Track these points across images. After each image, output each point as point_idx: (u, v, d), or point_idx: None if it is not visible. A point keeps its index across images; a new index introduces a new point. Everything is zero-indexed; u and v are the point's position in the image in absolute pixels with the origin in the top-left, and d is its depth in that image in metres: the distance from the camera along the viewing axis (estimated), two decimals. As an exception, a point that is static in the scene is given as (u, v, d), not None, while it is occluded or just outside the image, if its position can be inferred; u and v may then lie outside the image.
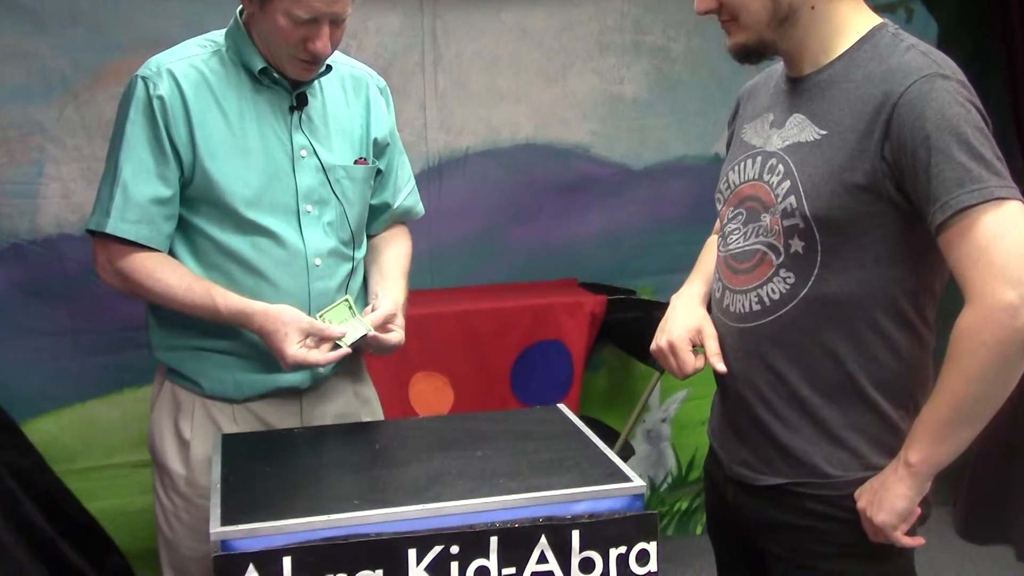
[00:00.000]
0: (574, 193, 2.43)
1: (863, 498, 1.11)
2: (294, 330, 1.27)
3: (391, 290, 1.41)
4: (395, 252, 1.51)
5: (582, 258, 2.47)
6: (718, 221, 1.33)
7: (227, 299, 1.30)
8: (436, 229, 2.35)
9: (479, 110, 2.34)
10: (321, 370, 1.41)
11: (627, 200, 2.46)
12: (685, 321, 1.23)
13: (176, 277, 1.32)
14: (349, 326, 1.32)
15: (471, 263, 2.44)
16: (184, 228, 1.35)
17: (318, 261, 1.38)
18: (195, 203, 1.33)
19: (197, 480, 1.38)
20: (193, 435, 1.39)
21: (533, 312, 2.30)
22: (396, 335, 1.37)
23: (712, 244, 1.39)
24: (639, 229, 2.47)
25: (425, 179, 2.26)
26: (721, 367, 1.20)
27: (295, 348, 1.26)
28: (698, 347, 1.22)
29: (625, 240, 2.51)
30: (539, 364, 2.30)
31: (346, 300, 1.34)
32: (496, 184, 2.38)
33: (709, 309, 1.28)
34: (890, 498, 1.07)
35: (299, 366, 1.28)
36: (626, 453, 2.30)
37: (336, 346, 1.31)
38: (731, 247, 1.23)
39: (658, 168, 2.47)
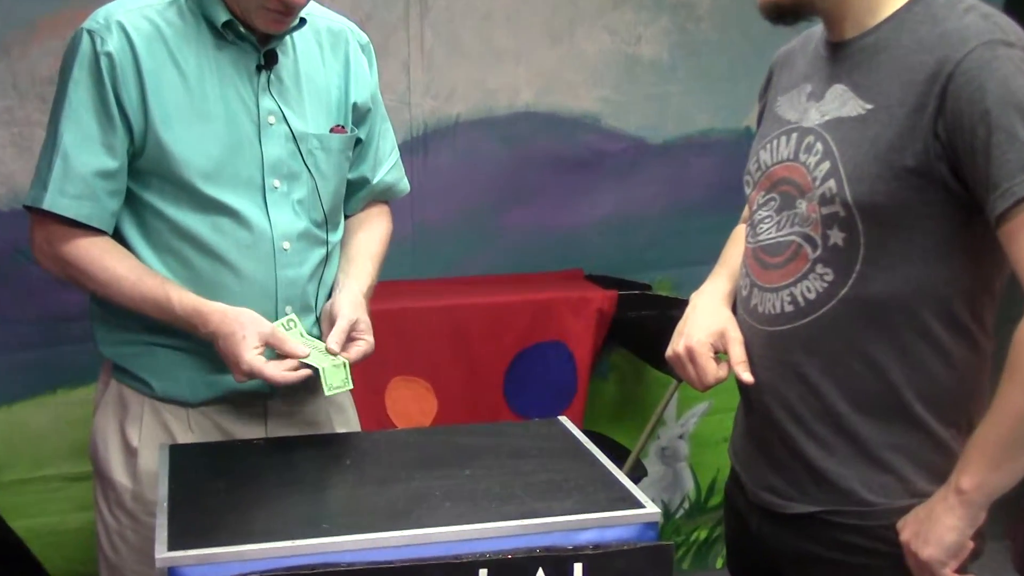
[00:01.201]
0: (581, 170, 2.43)
1: (907, 529, 1.11)
2: (253, 334, 1.28)
3: (351, 286, 1.41)
4: (368, 235, 1.51)
5: (589, 246, 2.47)
6: (747, 207, 1.34)
7: (183, 295, 1.31)
8: (420, 210, 2.35)
9: (472, 72, 2.34)
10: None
11: (643, 179, 2.46)
12: (707, 323, 1.24)
13: (126, 267, 1.32)
14: (315, 353, 1.31)
15: (459, 250, 2.43)
16: (134, 206, 1.35)
17: (286, 245, 1.38)
18: (146, 177, 1.33)
19: (146, 494, 1.38)
20: (142, 443, 1.39)
21: (531, 308, 2.31)
22: (360, 347, 1.36)
23: (740, 234, 1.39)
24: (656, 214, 2.48)
25: (408, 152, 2.26)
26: (747, 377, 1.20)
27: (252, 354, 1.27)
28: (720, 354, 1.23)
29: (640, 226, 2.51)
30: (537, 369, 2.31)
31: (291, 320, 1.33)
32: (490, 158, 2.38)
33: (734, 310, 1.29)
34: (938, 530, 1.07)
35: (252, 376, 1.28)
36: (637, 474, 2.31)
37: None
38: (761, 238, 1.23)
39: (679, 143, 2.47)
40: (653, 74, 2.44)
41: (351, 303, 1.38)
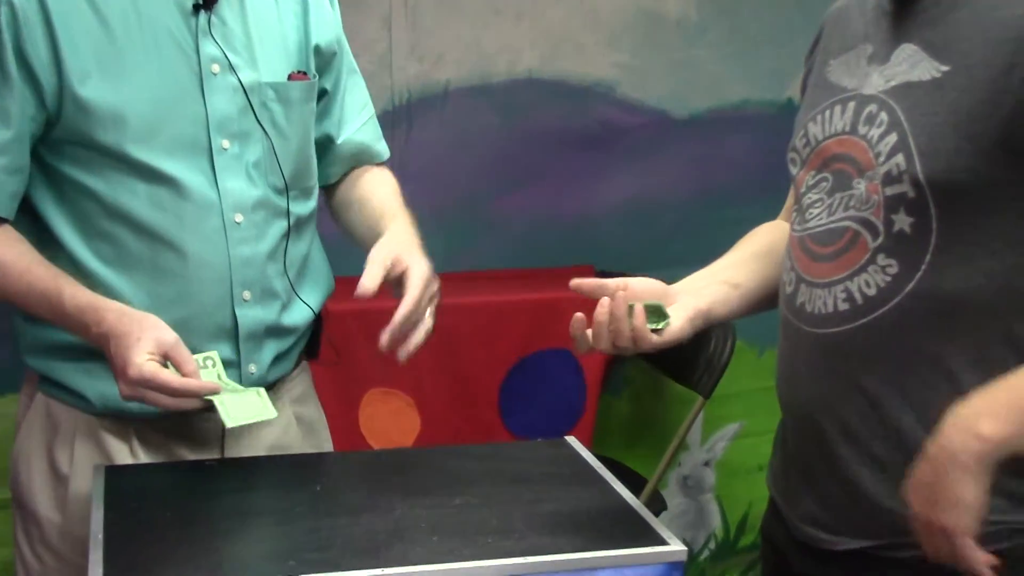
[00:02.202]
0: (592, 149, 2.43)
1: (917, 497, 1.04)
2: (150, 339, 1.25)
3: (407, 245, 1.33)
4: (386, 189, 1.48)
5: (601, 238, 2.47)
6: (789, 196, 1.33)
7: (77, 290, 1.29)
8: (404, 191, 2.32)
9: (464, 29, 2.33)
10: (252, 373, 1.40)
11: (666, 160, 2.46)
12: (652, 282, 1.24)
13: (14, 253, 1.30)
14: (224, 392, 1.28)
15: (447, 241, 2.42)
16: (55, 184, 1.34)
17: (239, 217, 1.37)
18: (67, 147, 1.32)
19: (77, 531, 1.37)
20: (74, 469, 1.38)
21: (532, 310, 2.31)
22: (425, 326, 1.31)
23: (758, 232, 1.39)
24: (681, 200, 2.48)
25: (388, 124, 2.25)
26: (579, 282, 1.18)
27: (144, 357, 1.23)
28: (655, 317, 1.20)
29: (661, 215, 2.51)
30: (538, 382, 2.31)
31: (208, 358, 1.31)
32: (486, 133, 2.38)
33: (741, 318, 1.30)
34: (955, 488, 1.02)
35: (138, 391, 1.24)
36: (655, 507, 2.31)
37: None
38: (810, 224, 1.23)
39: (709, 117, 2.47)
40: (679, 36, 2.44)
41: (422, 273, 1.31)
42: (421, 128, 2.36)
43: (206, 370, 1.30)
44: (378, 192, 1.52)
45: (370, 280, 1.29)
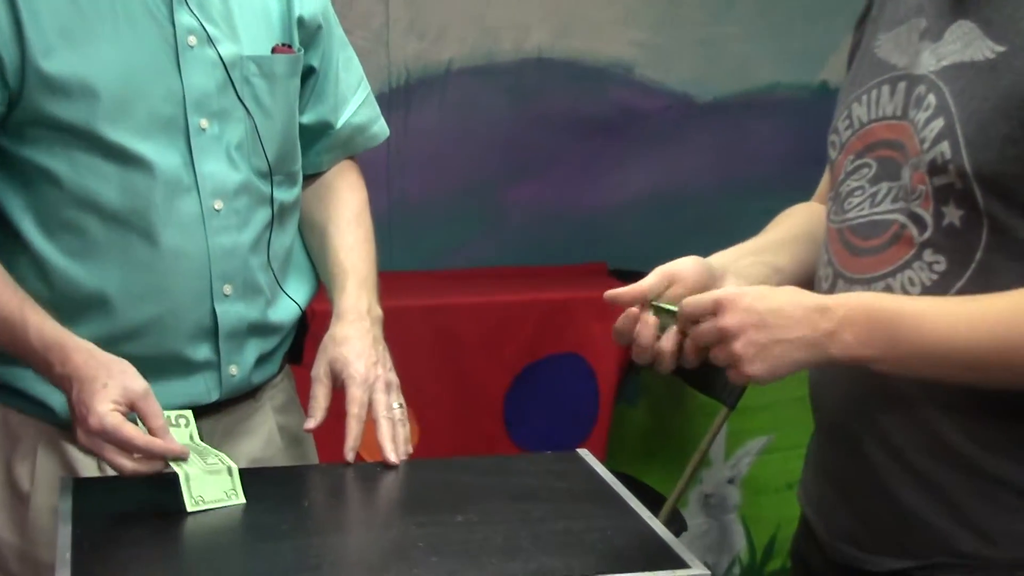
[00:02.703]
0: (607, 135, 2.43)
1: (741, 308, 1.09)
2: (118, 387, 1.23)
3: (343, 354, 1.39)
4: (346, 230, 1.49)
5: (616, 233, 2.48)
6: (824, 179, 1.32)
7: (45, 322, 1.28)
8: (398, 182, 2.35)
9: (468, 3, 2.34)
10: (233, 376, 1.41)
11: (687, 148, 2.46)
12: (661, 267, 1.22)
13: None
14: (194, 457, 1.25)
15: (450, 235, 2.45)
16: (15, 171, 1.33)
17: (219, 204, 1.37)
18: (28, 129, 1.31)
19: (39, 554, 1.35)
20: (36, 485, 1.37)
21: (540, 311, 2.30)
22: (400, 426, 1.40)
23: (794, 212, 1.38)
24: (704, 190, 2.48)
25: (383, 107, 2.19)
26: (642, 288, 1.18)
27: (108, 406, 1.21)
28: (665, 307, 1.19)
29: (682, 208, 2.51)
30: (548, 390, 2.30)
31: (180, 416, 1.28)
32: (491, 117, 2.38)
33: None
34: (787, 349, 1.08)
35: (97, 444, 1.21)
36: (674, 527, 2.30)
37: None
38: (850, 215, 1.22)
39: (736, 100, 2.47)
40: (702, 12, 2.44)
41: (356, 353, 1.38)
42: (420, 112, 2.36)
43: (177, 428, 1.27)
44: (342, 230, 1.49)
45: (316, 414, 1.36)
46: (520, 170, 2.43)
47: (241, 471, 1.37)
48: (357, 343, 1.41)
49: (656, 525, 1.21)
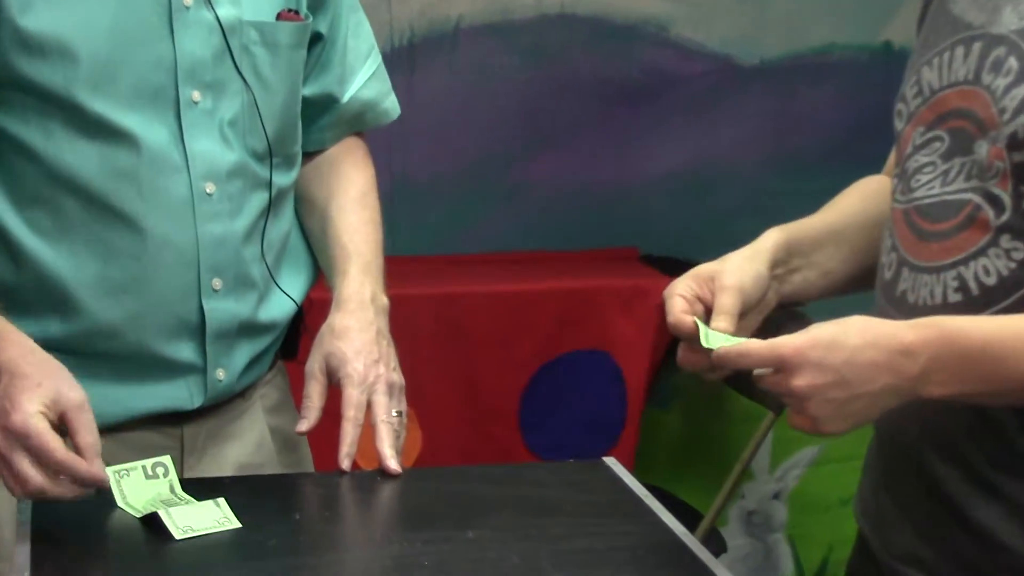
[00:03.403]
0: (639, 102, 2.43)
1: (813, 350, 1.08)
2: (52, 390, 1.22)
3: (341, 349, 1.39)
4: (349, 209, 1.49)
5: (648, 214, 2.48)
6: (893, 153, 1.31)
7: None
8: (402, 156, 2.35)
9: (481, -46, 2.35)
10: (220, 380, 1.41)
11: (730, 117, 2.46)
12: (701, 268, 1.23)
13: None
14: (149, 493, 1.25)
15: (458, 216, 2.45)
16: None
17: (210, 187, 1.37)
18: (2, 91, 1.32)
19: (2, 569, 1.35)
20: (-1, 498, 1.38)
21: (560, 302, 2.30)
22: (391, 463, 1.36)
23: (859, 188, 1.38)
24: (749, 167, 2.47)
25: (387, 70, 2.26)
26: (721, 325, 1.18)
27: (36, 406, 1.20)
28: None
29: (724, 186, 2.51)
30: (569, 390, 2.30)
31: (158, 464, 1.26)
32: (506, 83, 2.38)
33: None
34: (864, 403, 1.08)
35: (11, 448, 1.19)
36: (712, 548, 2.30)
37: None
38: (918, 195, 1.22)
39: (786, 64, 2.47)
40: (748, -37, 2.44)
41: (356, 349, 1.39)
42: (425, 75, 2.36)
43: (155, 480, 1.27)
44: (345, 209, 1.50)
45: (309, 415, 1.37)
46: (539, 142, 2.43)
47: (223, 479, 1.38)
48: (357, 337, 1.41)
49: (692, 543, 1.21)
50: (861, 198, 1.38)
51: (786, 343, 1.09)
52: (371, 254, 1.48)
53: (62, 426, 1.22)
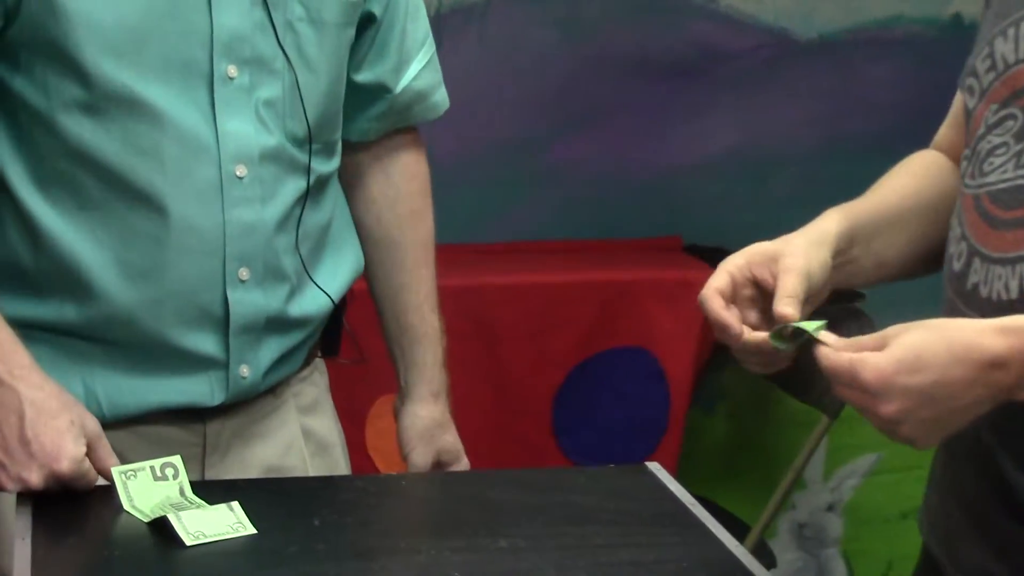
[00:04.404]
0: (685, 79, 2.43)
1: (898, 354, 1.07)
2: (79, 426, 1.27)
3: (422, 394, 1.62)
4: (422, 266, 1.65)
5: (693, 201, 2.48)
6: (946, 123, 1.30)
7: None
8: (427, 136, 2.30)
9: (514, -83, 2.35)
10: (243, 377, 1.42)
11: (784, 96, 2.46)
12: (759, 247, 1.23)
13: None
14: (157, 496, 1.26)
15: (489, 202, 2.45)
16: (7, 111, 1.35)
17: (241, 170, 1.38)
18: (22, 55, 1.33)
19: (5, 567, 1.34)
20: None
21: (598, 295, 2.31)
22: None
23: (910, 166, 1.38)
24: (804, 150, 2.47)
25: None
26: (787, 310, 1.16)
27: (82, 450, 1.26)
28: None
29: (777, 170, 2.50)
30: (606, 391, 2.31)
31: (169, 465, 1.28)
32: (540, 58, 2.38)
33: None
34: (957, 416, 1.08)
35: (63, 480, 1.26)
36: (761, 562, 2.30)
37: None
38: (990, 179, 1.21)
39: (846, 39, 2.46)
40: (805, -72, 2.43)
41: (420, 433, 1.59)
42: (453, 49, 2.36)
43: (164, 482, 1.28)
44: (419, 265, 1.65)
45: None
46: (575, 122, 2.43)
47: (237, 482, 1.38)
48: (453, 426, 1.62)
49: (745, 557, 1.21)
50: (913, 177, 1.37)
51: (867, 366, 1.08)
52: (439, 326, 1.64)
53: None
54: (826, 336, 1.12)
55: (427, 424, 1.58)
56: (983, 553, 1.23)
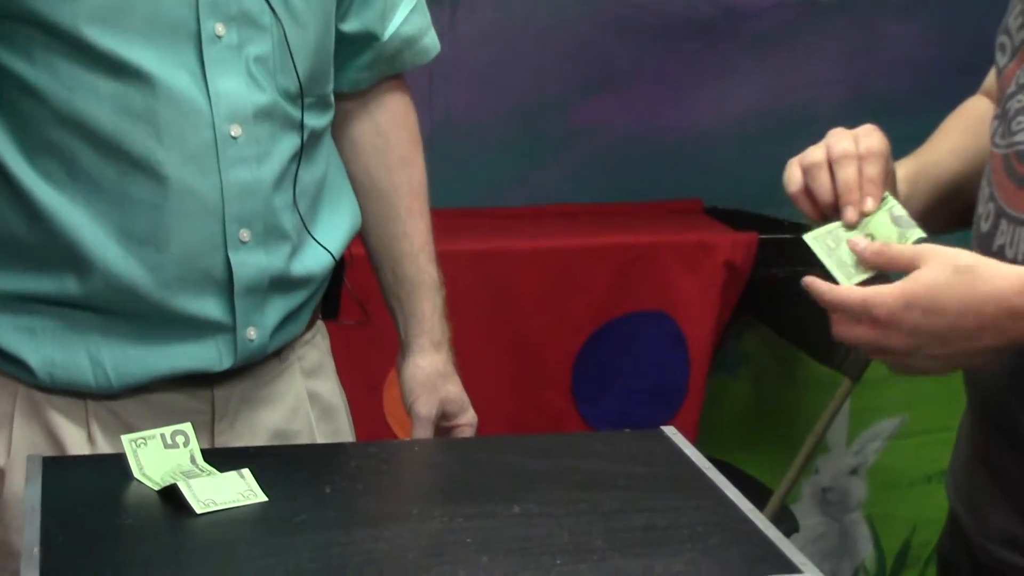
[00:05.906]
0: (706, 40, 2.43)
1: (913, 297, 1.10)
2: None
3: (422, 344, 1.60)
4: (415, 213, 1.60)
5: (715, 163, 2.48)
6: (992, 73, 1.30)
7: None
8: (443, 99, 2.35)
9: None
10: (251, 340, 1.43)
11: (806, 56, 2.45)
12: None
13: None
14: (168, 464, 1.26)
15: (506, 165, 2.45)
16: None
17: (236, 130, 1.38)
18: (6, 24, 1.33)
19: (12, 542, 1.38)
20: (12, 460, 1.39)
21: (618, 259, 2.31)
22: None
23: (963, 116, 1.38)
24: (828, 110, 2.45)
25: (426, 1, 2.26)
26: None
27: None
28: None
29: (800, 131, 2.42)
30: (626, 356, 2.31)
31: (180, 433, 1.28)
32: (557, 18, 2.38)
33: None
34: (967, 357, 1.12)
35: None
36: (783, 527, 2.30)
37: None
38: (1019, 138, 1.20)
39: (867, -2, 2.45)
40: None
41: (422, 384, 1.58)
42: (470, 7, 2.35)
43: (175, 449, 1.28)
44: (413, 214, 1.61)
45: None
46: (595, 84, 2.42)
47: (248, 449, 1.38)
48: (457, 377, 1.61)
49: (760, 521, 1.21)
50: (970, 134, 1.37)
51: (877, 298, 1.11)
52: (438, 275, 1.63)
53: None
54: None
55: (428, 373, 1.57)
56: (1010, 517, 1.23)
